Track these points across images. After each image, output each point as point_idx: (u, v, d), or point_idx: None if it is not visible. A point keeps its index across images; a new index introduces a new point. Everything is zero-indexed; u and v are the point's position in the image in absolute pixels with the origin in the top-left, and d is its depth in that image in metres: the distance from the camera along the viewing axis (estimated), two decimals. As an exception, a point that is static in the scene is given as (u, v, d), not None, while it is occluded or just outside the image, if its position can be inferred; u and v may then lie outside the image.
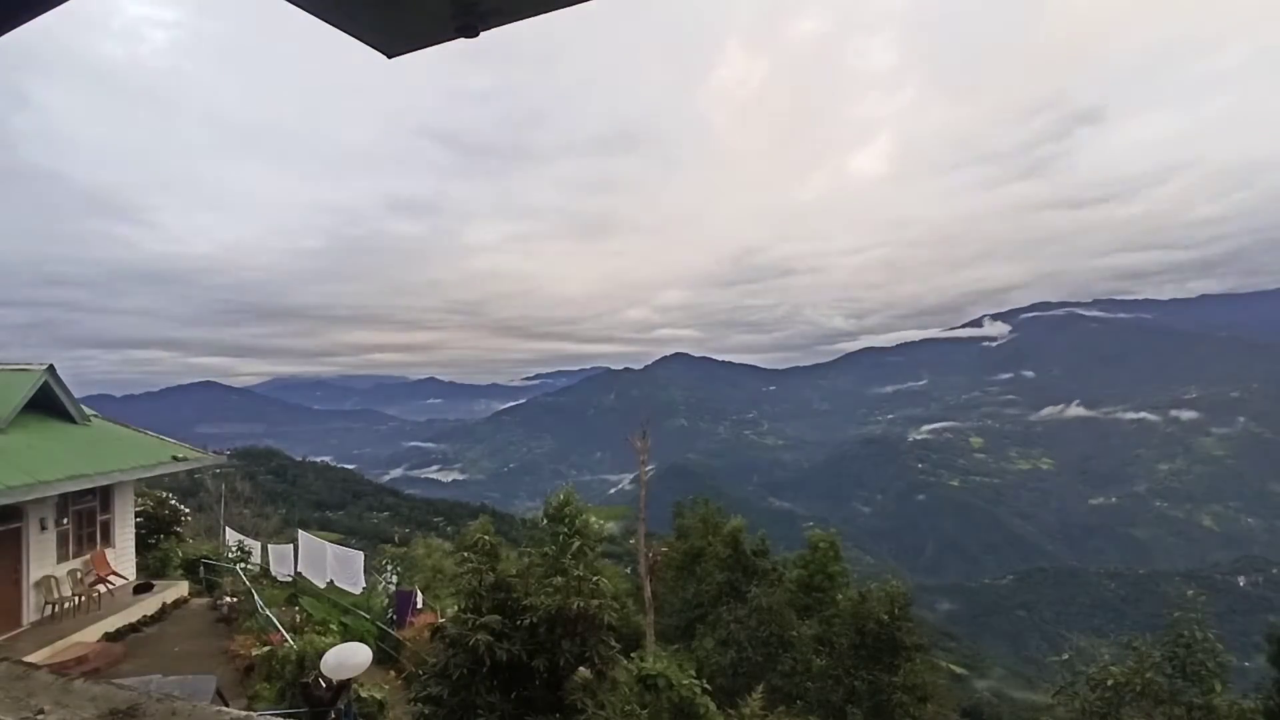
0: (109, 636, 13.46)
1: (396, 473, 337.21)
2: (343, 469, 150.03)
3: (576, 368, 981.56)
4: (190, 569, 19.61)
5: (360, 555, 18.28)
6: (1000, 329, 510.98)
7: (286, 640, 12.19)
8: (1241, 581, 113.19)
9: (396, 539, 43.59)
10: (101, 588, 14.69)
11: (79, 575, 14.50)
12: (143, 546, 18.53)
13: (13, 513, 12.79)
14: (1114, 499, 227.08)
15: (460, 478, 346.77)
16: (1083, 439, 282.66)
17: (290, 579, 19.28)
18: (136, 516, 17.94)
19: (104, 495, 15.71)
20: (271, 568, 20.47)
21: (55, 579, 13.90)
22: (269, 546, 21.88)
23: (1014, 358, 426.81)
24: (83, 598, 14.08)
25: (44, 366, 14.97)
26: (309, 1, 1.34)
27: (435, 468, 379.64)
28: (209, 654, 13.23)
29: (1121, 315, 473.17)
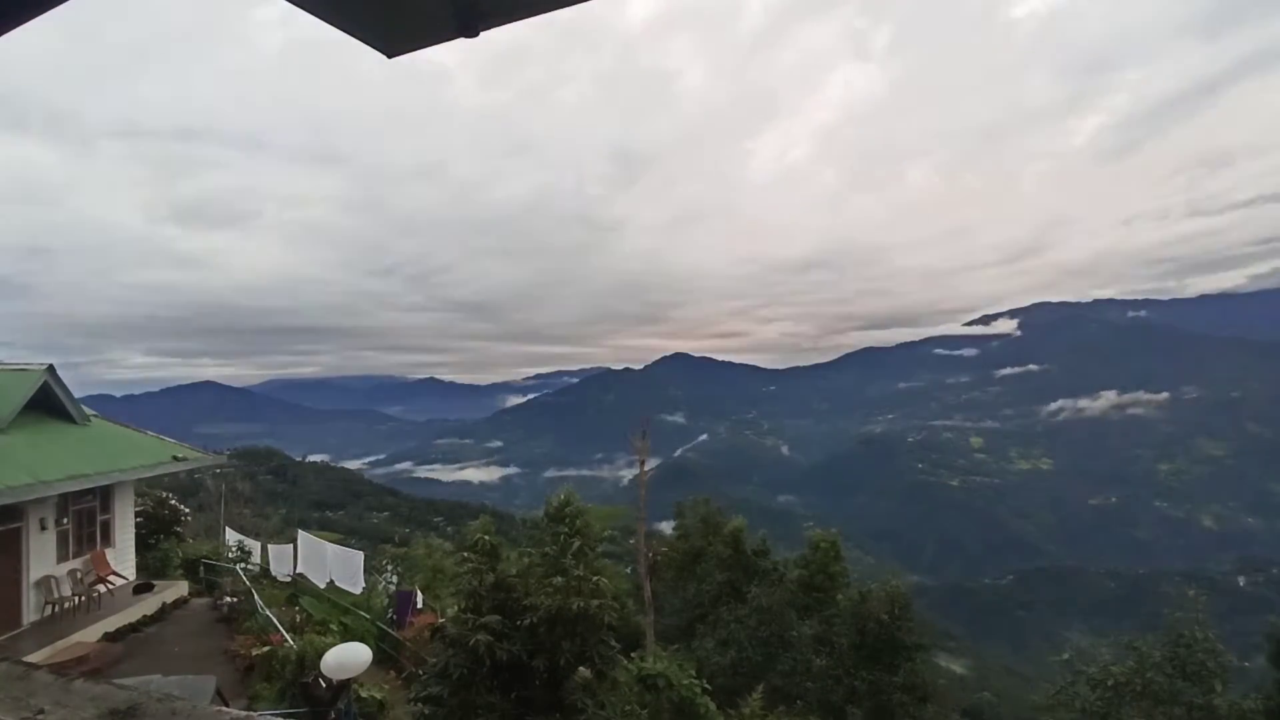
0: (109, 636, 13.45)
1: (397, 472, 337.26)
2: (343, 469, 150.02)
3: (577, 367, 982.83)
4: (190, 569, 19.61)
5: (360, 555, 18.26)
6: (1000, 329, 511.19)
7: (286, 640, 12.19)
8: (1241, 581, 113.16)
9: (396, 539, 43.59)
10: (101, 588, 14.69)
11: (79, 575, 14.49)
12: (143, 546, 18.54)
13: (13, 513, 12.79)
14: (1114, 499, 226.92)
15: (461, 477, 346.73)
16: (1083, 439, 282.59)
17: (290, 579, 19.27)
18: (136, 516, 17.94)
19: (104, 495, 15.71)
20: (271, 568, 20.46)
21: (55, 579, 13.90)
22: (269, 546, 21.86)
23: (1014, 357, 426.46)
24: (83, 598, 14.07)
25: (44, 366, 14.96)
26: (309, 1, 1.34)
27: (436, 467, 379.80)
28: (209, 654, 13.22)
29: (1121, 315, 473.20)
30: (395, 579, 23.58)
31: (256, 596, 15.54)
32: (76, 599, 13.99)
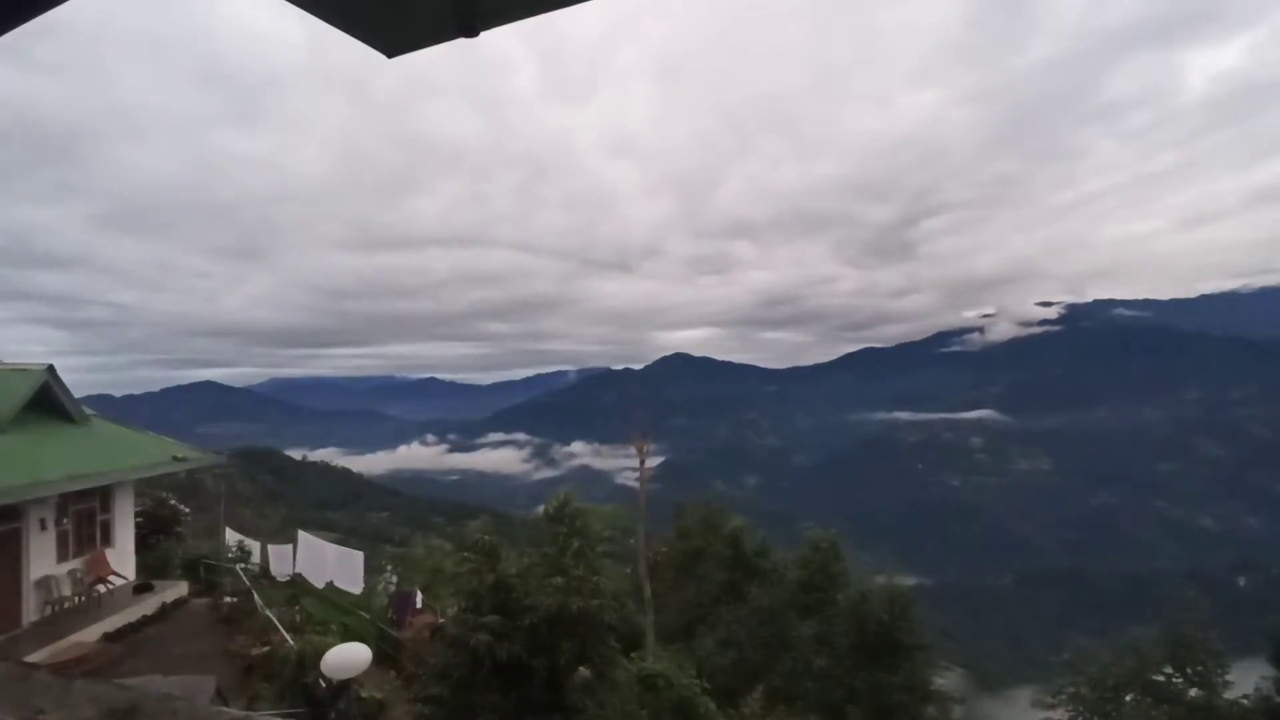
0: (109, 636, 13.44)
1: (397, 472, 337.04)
2: (343, 469, 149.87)
3: (577, 367, 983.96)
4: (190, 569, 19.60)
5: (360, 555, 18.26)
6: (1000, 328, 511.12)
7: (286, 640, 12.19)
8: (1241, 581, 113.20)
9: (396, 539, 43.62)
10: (101, 588, 14.69)
11: (79, 575, 14.49)
12: (143, 546, 18.52)
13: (13, 513, 12.78)
14: (1114, 499, 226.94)
15: (461, 478, 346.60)
16: (1083, 439, 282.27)
17: (290, 579, 19.28)
18: (136, 516, 17.93)
19: (104, 495, 15.70)
20: (271, 568, 20.47)
21: (55, 579, 13.89)
22: (269, 546, 21.87)
23: (1014, 357, 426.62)
24: (83, 598, 14.07)
25: (44, 366, 14.96)
26: (309, 1, 1.34)
27: (436, 467, 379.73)
28: (209, 654, 13.22)
29: (1121, 315, 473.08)
30: (395, 579, 23.58)
31: (256, 596, 15.54)
32: (76, 599, 13.99)
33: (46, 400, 14.91)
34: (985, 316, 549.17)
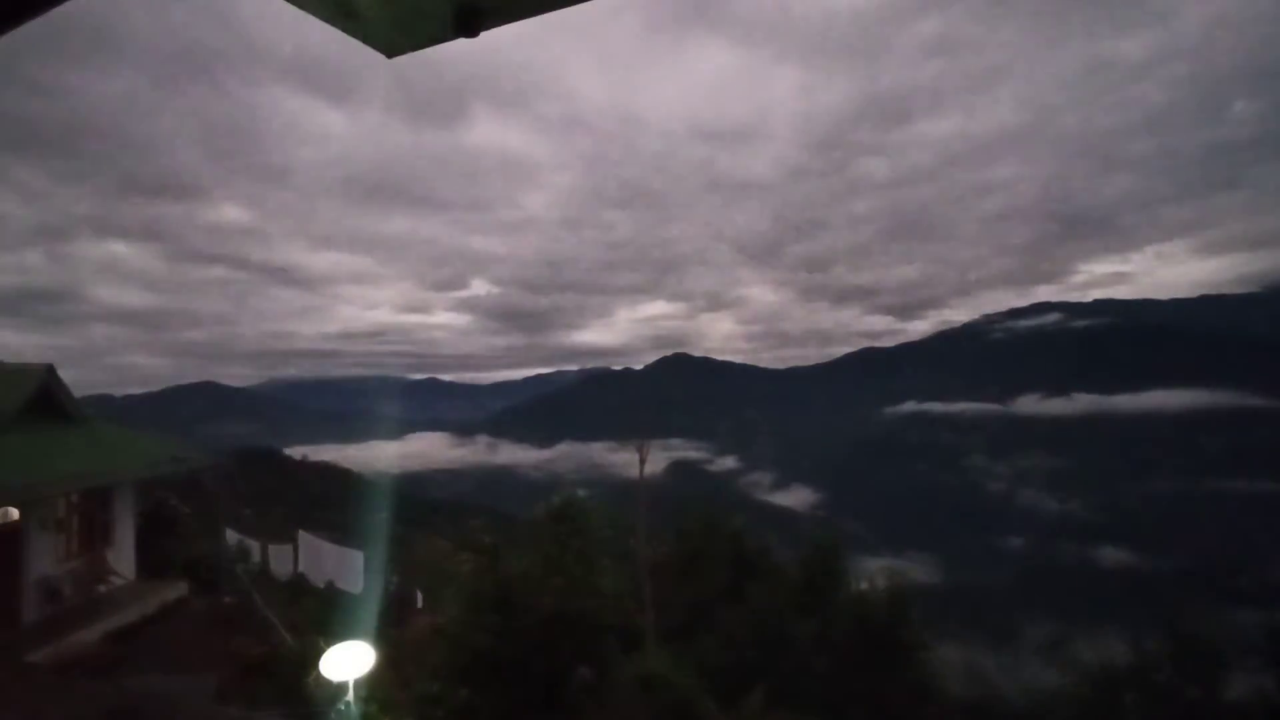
0: (109, 636, 13.44)
1: (397, 472, 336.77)
2: (343, 469, 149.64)
3: (577, 367, 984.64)
4: (190, 569, 19.59)
5: (360, 555, 18.26)
6: (1000, 329, 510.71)
7: (286, 640, 12.19)
8: (1241, 582, 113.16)
9: (396, 539, 43.55)
10: (101, 588, 14.69)
11: (79, 575, 14.49)
12: (143, 546, 18.52)
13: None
14: (1114, 499, 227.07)
15: (461, 477, 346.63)
16: (1083, 439, 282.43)
17: (290, 579, 19.28)
18: (136, 517, 17.94)
19: (104, 495, 15.71)
20: (271, 568, 20.47)
21: (55, 579, 13.90)
22: (269, 546, 21.87)
23: (1014, 357, 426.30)
24: (83, 598, 14.06)
25: (44, 366, 14.96)
26: (309, 2, 1.34)
27: (436, 467, 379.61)
28: (209, 654, 13.20)
29: (1122, 314, 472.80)
30: (395, 579, 23.56)
31: (256, 597, 15.54)
32: (76, 599, 13.98)
33: (46, 400, 14.91)
34: (985, 317, 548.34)
